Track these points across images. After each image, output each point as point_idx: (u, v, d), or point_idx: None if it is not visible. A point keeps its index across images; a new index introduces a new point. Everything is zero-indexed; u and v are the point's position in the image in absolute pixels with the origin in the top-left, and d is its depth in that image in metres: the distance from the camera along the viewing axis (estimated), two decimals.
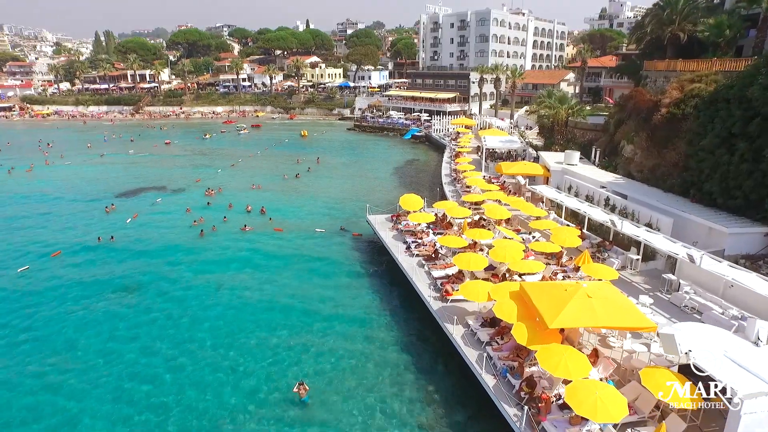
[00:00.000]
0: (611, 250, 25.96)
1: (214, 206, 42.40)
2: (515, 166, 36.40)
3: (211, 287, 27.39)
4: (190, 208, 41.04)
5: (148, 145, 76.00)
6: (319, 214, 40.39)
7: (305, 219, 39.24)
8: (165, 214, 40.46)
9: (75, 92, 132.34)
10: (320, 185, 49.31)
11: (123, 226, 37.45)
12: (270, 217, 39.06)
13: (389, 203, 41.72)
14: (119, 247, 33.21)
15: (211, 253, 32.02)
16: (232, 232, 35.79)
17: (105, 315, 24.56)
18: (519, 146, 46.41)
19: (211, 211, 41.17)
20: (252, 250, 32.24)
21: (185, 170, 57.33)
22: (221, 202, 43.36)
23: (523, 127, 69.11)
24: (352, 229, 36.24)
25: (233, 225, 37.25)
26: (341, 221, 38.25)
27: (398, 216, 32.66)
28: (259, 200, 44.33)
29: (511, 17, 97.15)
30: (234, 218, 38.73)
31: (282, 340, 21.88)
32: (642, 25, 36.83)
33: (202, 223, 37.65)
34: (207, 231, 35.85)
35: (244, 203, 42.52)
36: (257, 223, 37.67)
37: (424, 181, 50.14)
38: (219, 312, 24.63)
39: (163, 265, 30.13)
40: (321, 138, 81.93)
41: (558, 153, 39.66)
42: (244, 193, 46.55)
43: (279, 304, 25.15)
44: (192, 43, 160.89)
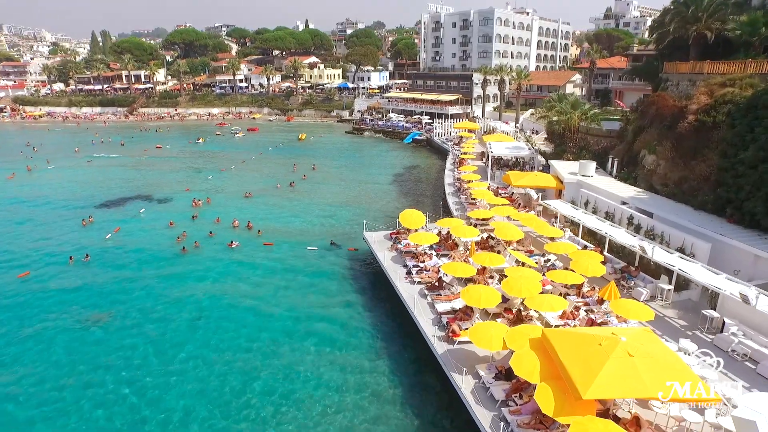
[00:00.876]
0: (637, 277, 23.02)
1: (200, 219, 39.47)
2: (526, 178, 33.44)
3: (190, 316, 24.48)
4: (173, 222, 38.10)
5: (138, 149, 73.09)
6: (313, 227, 37.47)
7: (298, 232, 36.31)
8: (147, 228, 37.52)
9: (68, 93, 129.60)
10: (315, 194, 46.35)
11: (101, 242, 34.52)
12: (259, 230, 36.20)
13: (388, 216, 38.77)
14: (93, 268, 30.26)
15: (193, 275, 29.03)
16: (217, 249, 32.85)
17: (67, 350, 21.66)
18: (527, 154, 43.45)
19: (197, 224, 38.24)
20: (236, 273, 29.27)
21: (174, 177, 54.42)
22: (208, 214, 40.42)
23: (529, 131, 66.19)
24: (346, 243, 33.31)
25: (219, 239, 34.34)
26: (335, 235, 35.32)
27: (398, 234, 29.72)
28: (250, 210, 41.53)
29: (515, 16, 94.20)
30: (220, 232, 35.83)
31: (259, 392, 18.87)
32: (663, 23, 33.84)
33: (185, 238, 34.79)
34: (190, 247, 32.96)
35: (233, 216, 39.61)
36: (245, 238, 34.77)
37: (426, 191, 47.18)
38: (195, 348, 21.71)
39: (138, 291, 27.16)
40: (318, 141, 79.01)
41: (571, 162, 36.70)
42: (234, 203, 43.63)
43: (259, 343, 22.15)
44: (189, 43, 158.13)
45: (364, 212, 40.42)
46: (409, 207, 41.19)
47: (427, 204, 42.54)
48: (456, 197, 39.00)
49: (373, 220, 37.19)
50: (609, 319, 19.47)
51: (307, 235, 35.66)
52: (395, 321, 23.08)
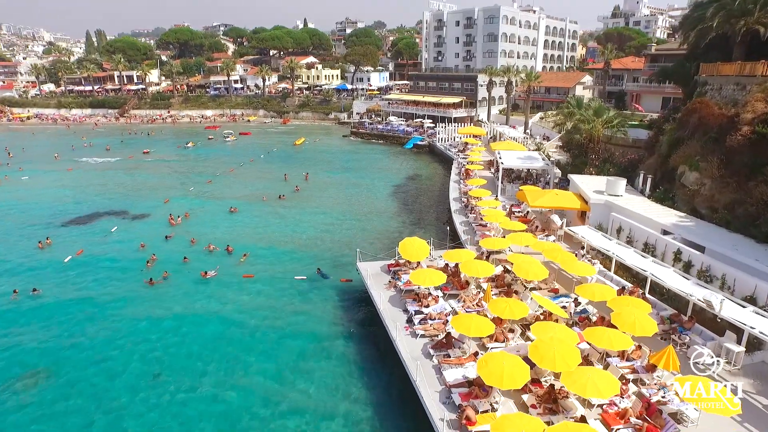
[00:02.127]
0: (692, 329, 18.61)
1: (175, 239, 35.14)
2: (545, 197, 28.98)
3: (148, 372, 20.14)
4: (144, 244, 33.74)
5: (124, 154, 68.87)
6: (302, 249, 33.07)
7: (285, 256, 31.92)
8: (115, 251, 33.14)
9: (58, 94, 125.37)
10: (306, 209, 41.93)
11: (57, 269, 30.17)
12: (245, 253, 31.90)
13: (386, 238, 34.44)
14: (40, 304, 25.91)
15: (156, 317, 24.58)
16: (188, 281, 28.45)
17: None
18: (541, 165, 39.01)
19: (171, 246, 33.92)
20: (206, 316, 24.82)
21: (155, 187, 50.06)
22: (185, 233, 36.08)
23: (539, 137, 61.75)
24: (338, 273, 28.91)
25: (193, 267, 29.96)
26: (327, 260, 30.98)
27: (397, 266, 25.35)
28: (233, 228, 37.20)
29: (521, 15, 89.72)
30: (196, 257, 31.47)
31: None
32: (701, 18, 29.39)
33: (155, 263, 30.50)
34: (159, 275, 28.62)
35: (213, 235, 35.33)
36: (224, 264, 30.41)
37: (429, 206, 42.69)
38: (155, 415, 17.39)
39: (87, 339, 22.75)
40: (314, 147, 74.61)
41: (594, 178, 32.24)
42: (216, 220, 39.27)
43: (224, 408, 17.83)
44: (183, 42, 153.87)
45: (360, 232, 36.06)
46: (410, 225, 37.25)
47: (430, 222, 38.16)
48: (463, 216, 34.57)
49: (369, 244, 32.93)
50: (667, 397, 15.09)
51: (294, 260, 31.30)
52: (395, 388, 18.64)
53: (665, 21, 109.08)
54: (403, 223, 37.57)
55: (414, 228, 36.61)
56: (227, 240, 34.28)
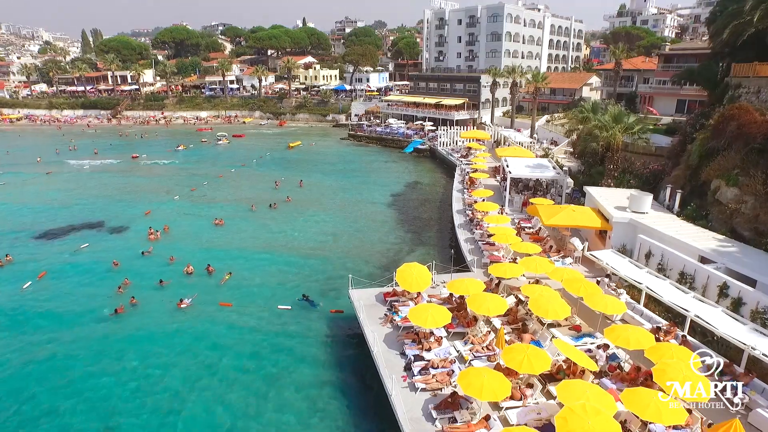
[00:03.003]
0: (750, 385, 15.45)
1: (153, 257, 32.01)
2: (561, 214, 25.76)
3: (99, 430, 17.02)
4: (118, 262, 30.60)
5: (111, 158, 65.74)
6: (290, 270, 29.88)
7: (270, 278, 28.75)
8: (83, 272, 29.94)
9: (49, 95, 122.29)
10: (297, 222, 38.74)
11: (13, 295, 26.98)
12: (228, 272, 28.86)
13: (384, 256, 31.32)
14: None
15: (121, 356, 21.42)
16: (162, 310, 25.27)
17: None
18: (552, 175, 35.81)
19: (148, 265, 30.77)
20: (174, 353, 21.64)
21: (138, 196, 46.92)
22: (164, 249, 32.94)
23: (546, 142, 58.60)
24: (328, 300, 25.74)
25: (170, 292, 26.81)
26: (316, 283, 27.86)
27: (394, 295, 22.20)
28: (217, 243, 34.03)
29: (526, 13, 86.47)
30: (173, 280, 28.32)
31: None
32: (739, 12, 26.20)
33: (127, 287, 27.38)
34: (128, 304, 25.48)
35: (192, 253, 32.20)
36: (203, 289, 27.28)
37: (431, 219, 39.45)
38: None
39: (38, 384, 19.62)
40: (310, 150, 71.47)
41: (613, 191, 29.07)
42: (199, 234, 36.10)
43: None
44: (179, 42, 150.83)
45: (355, 248, 32.88)
46: (410, 241, 34.03)
47: (431, 237, 34.96)
48: (468, 231, 31.38)
49: (365, 262, 29.87)
50: None
51: (281, 283, 28.14)
52: None
53: (673, 20, 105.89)
54: (402, 239, 34.40)
55: (414, 244, 33.45)
56: (209, 258, 31.14)
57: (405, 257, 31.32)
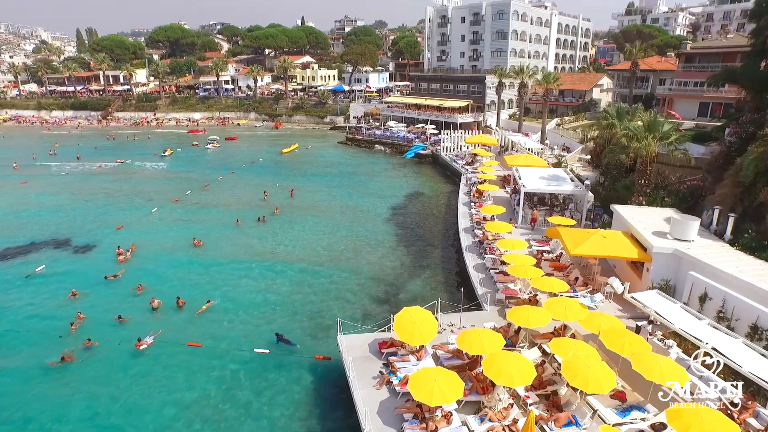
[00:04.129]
0: None
1: (118, 283, 28.10)
2: (589, 242, 21.69)
3: None
4: (76, 291, 26.68)
5: (94, 164, 61.84)
6: (271, 301, 25.93)
7: (248, 313, 24.80)
8: (34, 303, 26.02)
9: (38, 95, 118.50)
10: (285, 241, 34.73)
11: None
12: (209, 300, 25.06)
13: (379, 285, 27.35)
14: None
15: (61, 416, 17.58)
16: (117, 353, 21.36)
17: None
18: (571, 190, 31.79)
19: (110, 294, 26.87)
20: (126, 411, 17.77)
21: (113, 208, 43.01)
22: (132, 274, 29.03)
23: (557, 147, 54.59)
24: (314, 343, 21.79)
25: (129, 331, 22.89)
26: (301, 318, 23.95)
27: (392, 346, 18.25)
28: (193, 268, 30.02)
29: (533, 10, 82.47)
30: (136, 313, 24.44)
31: None
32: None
33: (81, 323, 23.51)
34: (80, 348, 21.55)
35: (164, 280, 28.31)
36: (171, 325, 23.38)
37: (434, 236, 35.38)
38: None
39: None
40: (305, 155, 67.50)
41: (647, 211, 25.05)
42: (173, 257, 32.09)
43: None
44: (174, 41, 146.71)
45: (348, 274, 28.88)
46: (410, 266, 29.94)
47: (436, 260, 30.95)
48: (477, 255, 27.42)
49: (359, 288, 26.00)
50: None
51: (262, 316, 24.22)
52: None
53: (685, 18, 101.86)
54: (402, 262, 30.40)
55: (415, 269, 29.47)
56: (183, 286, 27.36)
57: (405, 284, 27.45)
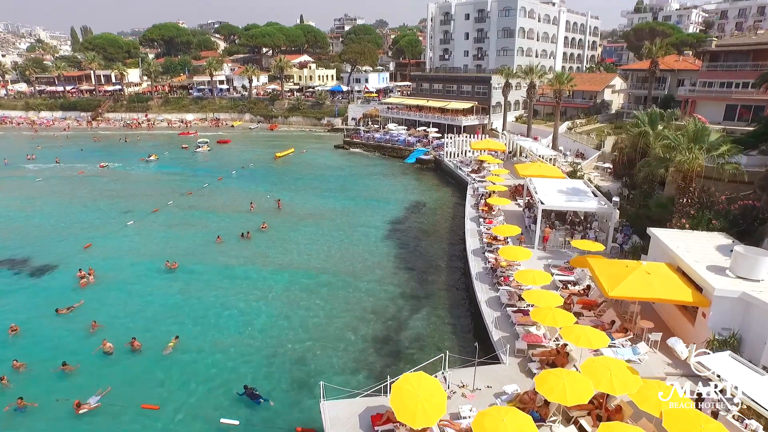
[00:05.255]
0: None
1: (73, 317, 24.16)
2: (631, 281, 17.60)
3: None
4: (16, 327, 22.77)
5: (74, 169, 57.94)
6: (247, 344, 21.94)
7: (221, 358, 20.83)
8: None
9: (27, 95, 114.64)
10: (268, 262, 30.68)
11: None
12: (176, 336, 21.46)
13: (374, 323, 23.36)
14: None
15: None
16: (50, 417, 17.41)
17: None
18: (595, 206, 27.74)
19: (59, 332, 22.99)
20: None
21: (85, 220, 39.09)
22: (90, 305, 25.10)
23: (570, 153, 50.63)
24: (294, 410, 17.81)
25: (73, 386, 18.96)
26: (281, 368, 19.99)
27: (387, 422, 14.26)
28: (160, 300, 26.03)
29: (541, 7, 78.42)
30: (86, 359, 20.51)
31: None
32: None
33: (20, 372, 19.60)
34: (11, 408, 17.60)
35: (124, 312, 24.42)
36: (124, 377, 19.45)
37: (438, 259, 31.25)
38: None
39: None
40: (299, 160, 63.55)
41: (692, 237, 21.01)
42: (141, 284, 28.06)
43: None
44: (168, 39, 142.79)
45: (338, 312, 24.80)
46: (411, 296, 25.80)
47: (441, 289, 26.92)
48: (490, 286, 23.43)
49: (348, 335, 21.94)
50: None
51: (233, 368, 20.23)
52: None
53: (698, 16, 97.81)
54: (401, 292, 26.37)
55: (416, 301, 25.47)
56: (147, 320, 23.47)
57: (405, 320, 23.51)
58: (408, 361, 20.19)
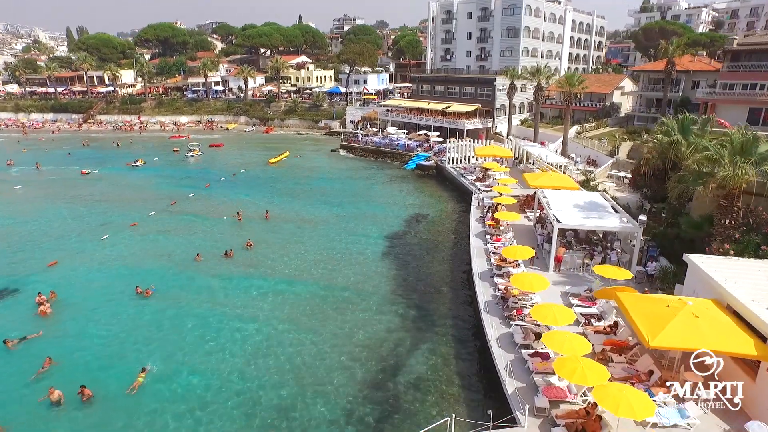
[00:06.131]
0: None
1: (24, 349, 21.10)
2: (675, 323, 14.52)
3: None
4: None
5: (56, 175, 55.00)
6: (219, 387, 18.83)
7: (190, 411, 17.73)
8: None
9: (17, 96, 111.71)
10: (251, 285, 27.51)
11: None
12: (143, 369, 18.62)
13: (367, 358, 20.21)
14: None
15: None
16: None
17: None
18: (618, 224, 24.57)
19: (3, 370, 19.84)
20: None
21: (56, 234, 35.98)
22: (48, 337, 22.03)
23: (580, 160, 47.51)
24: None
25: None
26: (253, 425, 16.87)
27: None
28: (123, 335, 22.86)
29: (547, 6, 75.29)
30: (30, 414, 17.44)
31: None
32: None
33: None
34: None
35: (82, 347, 21.34)
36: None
37: (441, 281, 28.02)
38: None
39: None
40: (294, 165, 60.46)
41: (738, 264, 17.86)
42: (107, 310, 24.98)
43: None
44: (164, 40, 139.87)
45: (326, 349, 21.60)
46: (413, 328, 22.65)
47: (445, 319, 23.72)
48: (500, 319, 20.31)
49: (334, 381, 18.77)
50: None
51: (205, 425, 17.12)
52: None
53: (708, 15, 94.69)
54: (400, 324, 23.18)
55: (416, 333, 22.32)
56: (106, 363, 20.37)
57: (403, 360, 20.38)
58: (406, 414, 17.10)
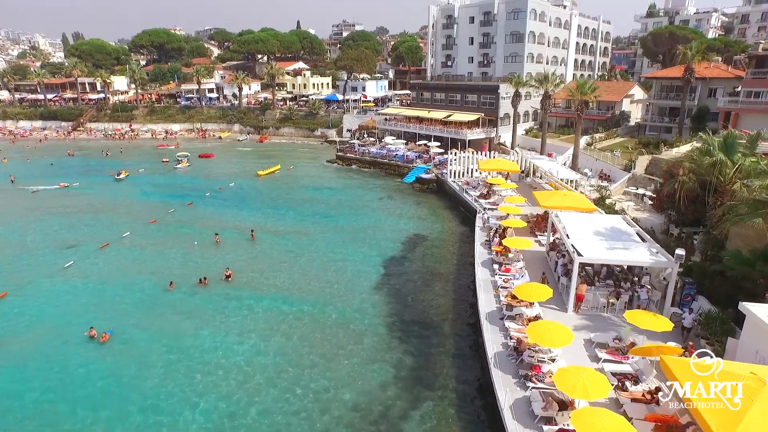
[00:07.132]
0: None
1: None
2: (755, 411, 11.06)
3: None
4: None
5: (33, 186, 51.66)
6: None
7: None
8: None
9: (5, 103, 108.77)
10: (229, 326, 24.08)
11: None
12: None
13: (357, 420, 16.65)
14: None
15: None
16: None
17: None
18: (648, 258, 21.02)
19: None
20: None
21: (11, 259, 32.51)
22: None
23: (591, 174, 44.07)
24: None
25: None
26: None
27: None
28: (79, 385, 19.39)
29: (552, 9, 72.17)
30: None
31: None
32: None
33: None
34: None
35: (9, 410, 17.79)
36: None
37: (441, 320, 24.40)
38: None
39: None
40: (286, 178, 57.10)
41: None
42: (52, 357, 21.52)
43: None
44: (159, 46, 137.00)
45: (310, 406, 18.09)
46: (408, 380, 19.01)
47: (446, 368, 20.15)
48: (514, 378, 16.79)
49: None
50: None
51: None
52: None
53: (718, 20, 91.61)
54: (395, 378, 19.64)
55: (415, 386, 18.78)
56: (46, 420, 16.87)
57: (399, 426, 16.78)
58: None
